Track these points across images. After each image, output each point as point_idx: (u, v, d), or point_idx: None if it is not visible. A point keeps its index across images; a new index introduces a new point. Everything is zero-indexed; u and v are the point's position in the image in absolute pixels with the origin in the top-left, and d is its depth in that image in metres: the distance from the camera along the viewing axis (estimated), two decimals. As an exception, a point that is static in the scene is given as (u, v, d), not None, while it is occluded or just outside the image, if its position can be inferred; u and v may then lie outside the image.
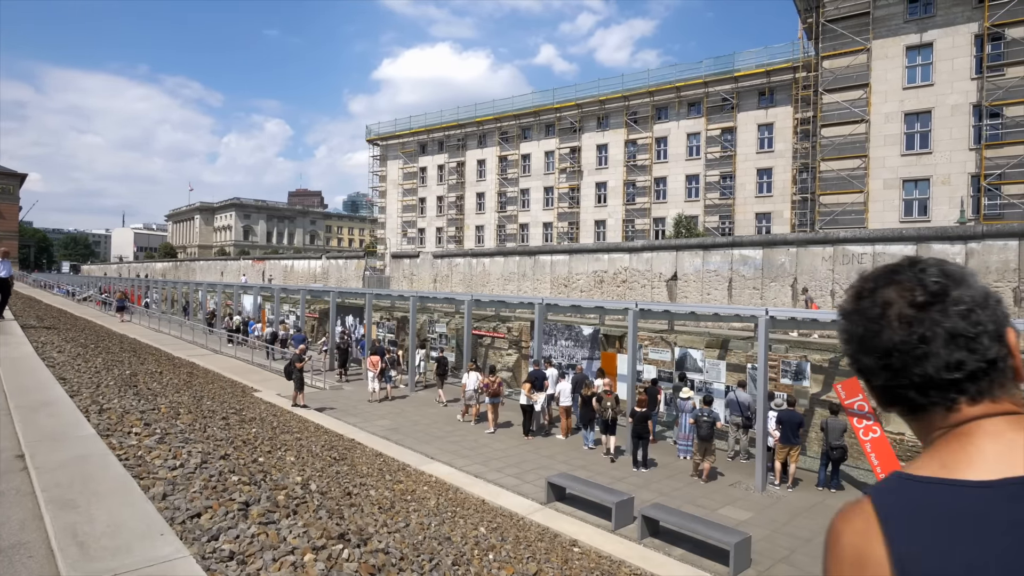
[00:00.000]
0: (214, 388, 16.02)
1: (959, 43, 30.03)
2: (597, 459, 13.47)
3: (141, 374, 12.51)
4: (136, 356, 16.63)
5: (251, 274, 51.55)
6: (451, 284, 34.31)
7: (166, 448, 6.04)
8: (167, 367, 16.39)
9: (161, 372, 14.24)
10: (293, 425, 13.24)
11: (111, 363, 12.39)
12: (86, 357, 12.08)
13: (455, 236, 59.33)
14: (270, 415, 13.94)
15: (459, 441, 14.39)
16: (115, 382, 9.89)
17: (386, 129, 63.14)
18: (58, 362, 10.51)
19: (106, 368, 11.38)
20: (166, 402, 9.64)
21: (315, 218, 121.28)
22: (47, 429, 5.80)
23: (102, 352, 14.12)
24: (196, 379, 16.23)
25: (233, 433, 8.67)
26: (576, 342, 18.38)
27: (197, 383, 15.51)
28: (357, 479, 8.57)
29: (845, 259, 19.78)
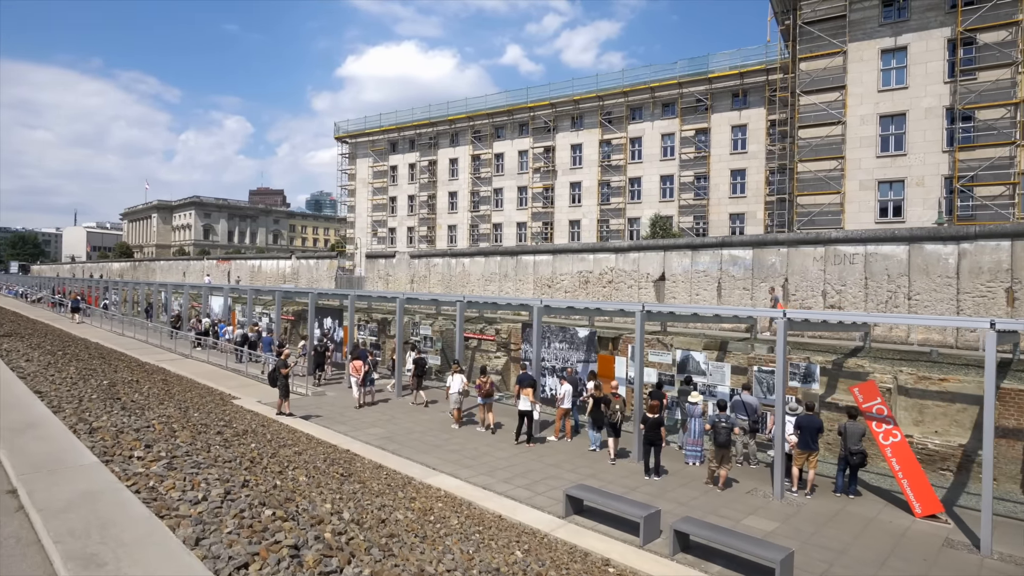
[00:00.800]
0: (193, 396, 15.02)
1: (932, 47, 30.66)
2: (604, 466, 13.00)
3: (119, 384, 11.52)
4: (106, 363, 15.49)
5: (216, 274, 49.65)
6: (429, 285, 33.50)
7: (179, 476, 5.30)
8: (140, 374, 15.31)
9: (138, 381, 13.22)
10: (286, 437, 12.41)
11: (85, 372, 11.35)
12: (57, 366, 11.01)
13: (427, 236, 58.38)
14: (259, 426, 13.06)
15: (458, 450, 13.74)
16: (96, 394, 8.96)
17: (355, 126, 61.75)
18: (29, 372, 9.47)
19: (82, 378, 10.38)
20: (156, 416, 8.78)
21: (278, 217, 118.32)
22: (39, 456, 4.96)
23: (71, 359, 13.00)
24: (173, 387, 15.19)
25: (236, 451, 7.89)
26: (571, 345, 17.90)
27: (176, 391, 14.51)
28: (375, 499, 7.89)
29: (837, 259, 19.80)
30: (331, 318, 25.01)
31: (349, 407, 17.85)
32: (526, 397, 14.91)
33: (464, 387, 17.54)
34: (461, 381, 17.25)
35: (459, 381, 17.10)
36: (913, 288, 18.26)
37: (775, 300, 21.98)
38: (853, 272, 19.45)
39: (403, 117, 58.76)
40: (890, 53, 31.90)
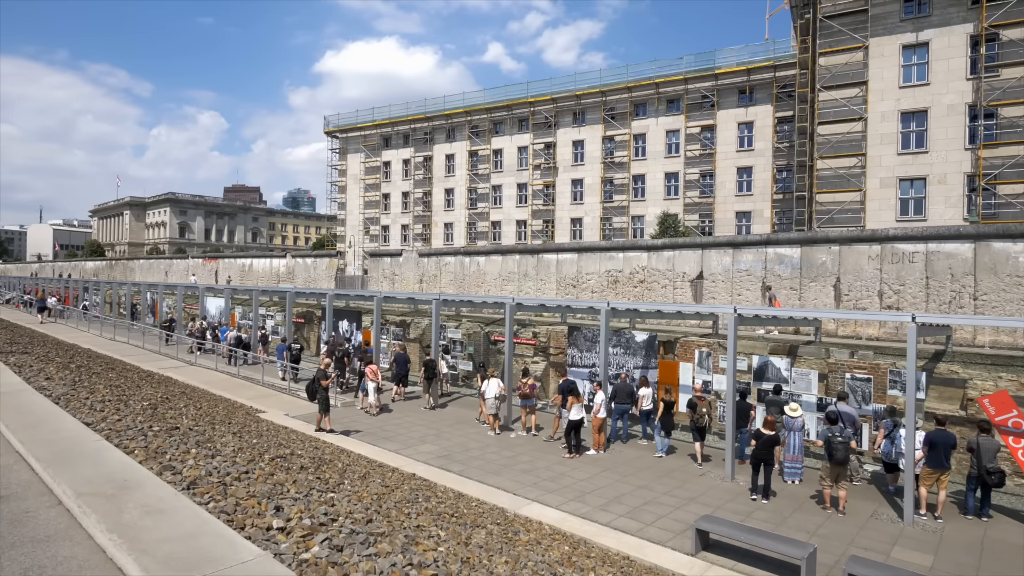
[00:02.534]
0: (220, 412, 13.41)
1: (954, 43, 30.18)
2: (698, 483, 11.78)
3: (158, 404, 9.91)
4: (120, 375, 13.78)
5: (202, 274, 47.35)
6: (439, 284, 32.01)
7: (354, 561, 3.90)
8: (162, 388, 13.63)
9: (168, 398, 11.58)
10: (342, 459, 10.93)
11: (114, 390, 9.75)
12: (84, 384, 9.41)
13: (422, 234, 56.71)
14: (308, 447, 11.55)
15: (529, 470, 12.39)
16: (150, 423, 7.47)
17: (346, 120, 59.73)
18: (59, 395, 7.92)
19: (118, 399, 8.80)
20: (231, 450, 7.28)
21: (258, 215, 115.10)
22: (182, 555, 3.45)
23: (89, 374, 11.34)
24: (200, 402, 13.54)
25: (345, 495, 6.45)
26: (627, 349, 16.67)
27: (204, 408, 12.87)
28: (486, 538, 6.52)
29: (894, 258, 18.92)
30: (348, 320, 23.40)
31: (389, 420, 16.35)
32: (578, 406, 13.73)
33: (501, 391, 16.33)
34: (498, 386, 16.11)
35: (495, 386, 16.06)
36: (980, 288, 17.44)
37: (771, 298, 21.31)
38: (913, 271, 18.58)
39: (397, 111, 56.95)
40: (911, 49, 31.36)
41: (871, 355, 14.28)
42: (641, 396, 14.93)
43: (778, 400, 12.91)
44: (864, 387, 12.87)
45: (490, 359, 21.89)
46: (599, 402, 13.97)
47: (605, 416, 14.09)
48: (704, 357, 15.32)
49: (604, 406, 14.03)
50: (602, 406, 13.98)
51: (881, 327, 18.62)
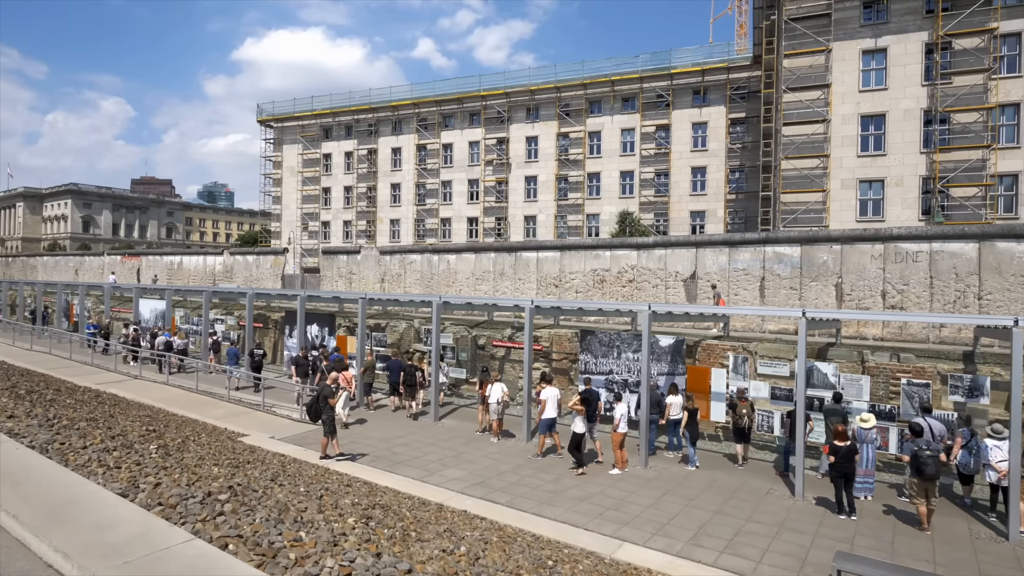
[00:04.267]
0: (191, 435, 11.13)
1: (911, 50, 31.18)
2: (775, 504, 10.72)
3: (157, 441, 7.71)
4: (68, 396, 11.15)
5: (121, 272, 42.63)
6: (404, 284, 29.88)
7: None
8: (125, 412, 11.15)
9: (186, 441, 9.26)
10: (365, 496, 9.08)
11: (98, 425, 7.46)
12: (58, 422, 7.08)
13: (367, 231, 53.86)
14: (318, 479, 9.60)
15: (585, 497, 10.95)
16: (196, 483, 5.48)
17: (282, 109, 55.85)
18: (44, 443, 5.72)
19: (115, 438, 6.59)
20: (268, 497, 5.41)
21: (172, 209, 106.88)
22: None
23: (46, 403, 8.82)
24: (163, 425, 11.17)
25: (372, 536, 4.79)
26: (650, 355, 15.47)
27: (171, 433, 10.57)
28: None
29: (898, 257, 18.82)
30: (318, 325, 21.03)
31: (390, 439, 14.40)
32: (581, 417, 12.51)
33: (504, 397, 14.93)
34: (501, 390, 15.07)
35: (499, 390, 15.07)
36: (984, 287, 17.52)
37: (717, 296, 21.24)
38: (916, 271, 18.51)
39: (339, 101, 53.79)
40: (870, 54, 32.17)
41: (913, 358, 13.77)
42: (669, 405, 13.82)
43: (838, 409, 12.08)
44: (922, 392, 12.25)
45: (479, 364, 20.25)
46: (620, 416, 12.67)
47: (626, 431, 12.78)
48: (740, 363, 14.38)
49: (625, 420, 12.76)
50: (623, 420, 12.69)
51: (885, 327, 18.46)
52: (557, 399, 13.86)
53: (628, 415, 13.16)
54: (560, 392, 14.27)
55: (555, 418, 13.70)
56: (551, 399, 13.71)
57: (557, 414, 13.76)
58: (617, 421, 12.70)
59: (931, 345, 15.85)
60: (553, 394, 13.82)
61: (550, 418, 13.65)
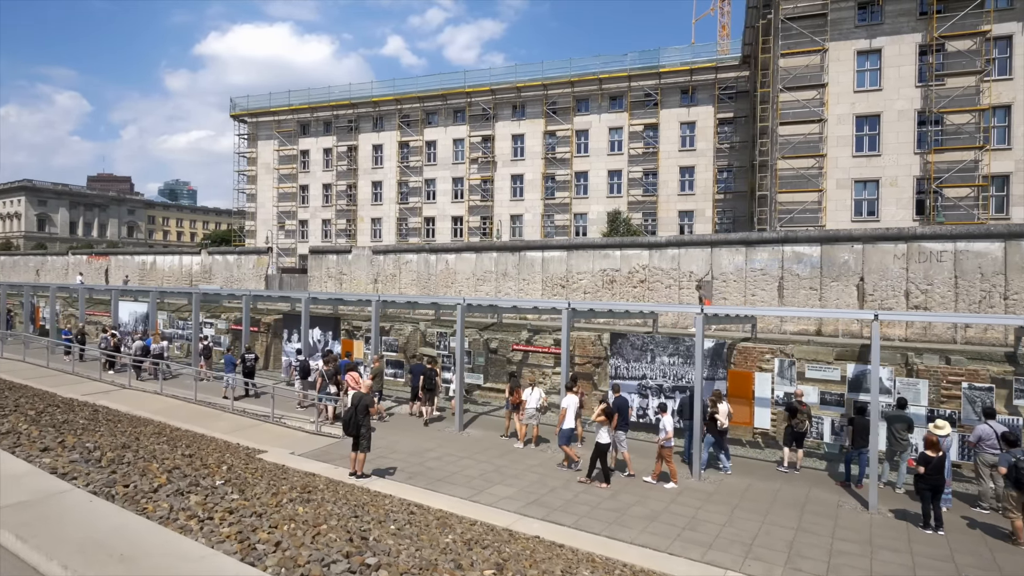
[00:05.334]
0: (211, 454, 9.99)
1: (904, 51, 31.39)
2: (855, 520, 10.09)
3: (232, 479, 6.61)
4: (74, 413, 9.87)
5: (89, 273, 40.24)
6: (399, 285, 28.70)
7: None
8: (159, 440, 9.90)
9: (231, 469, 8.10)
10: (426, 527, 8.12)
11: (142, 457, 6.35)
12: (93, 448, 5.96)
13: (347, 229, 52.26)
14: (378, 506, 8.59)
15: (653, 516, 10.17)
16: None
17: (257, 103, 53.79)
18: (102, 484, 4.64)
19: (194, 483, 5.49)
20: (333, 543, 4.47)
21: (134, 207, 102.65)
22: None
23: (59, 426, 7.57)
24: (196, 447, 9.98)
25: None
26: (687, 359, 14.83)
27: (210, 456, 9.42)
28: None
29: (922, 257, 18.58)
30: (320, 329, 19.80)
31: (415, 449, 13.36)
32: (607, 428, 11.83)
33: (543, 403, 14.12)
34: (540, 397, 14.36)
35: (537, 396, 14.33)
36: (1011, 287, 17.38)
37: (701, 297, 21.04)
38: (941, 271, 18.29)
39: (317, 96, 52.05)
40: (865, 55, 32.29)
41: (965, 360, 13.39)
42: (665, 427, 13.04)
43: (903, 416, 11.55)
44: (985, 397, 11.83)
45: (491, 368, 19.33)
46: (669, 429, 11.90)
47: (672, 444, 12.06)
48: (786, 366, 13.80)
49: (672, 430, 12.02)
50: (671, 434, 11.95)
51: (908, 327, 18.18)
52: (577, 408, 13.10)
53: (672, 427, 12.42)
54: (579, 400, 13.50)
55: (574, 428, 12.94)
56: (571, 408, 12.95)
57: (577, 424, 13.02)
58: (669, 433, 11.91)
59: (972, 347, 15.56)
60: (573, 402, 13.05)
61: (569, 428, 12.88)
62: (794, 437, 12.85)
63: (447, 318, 23.06)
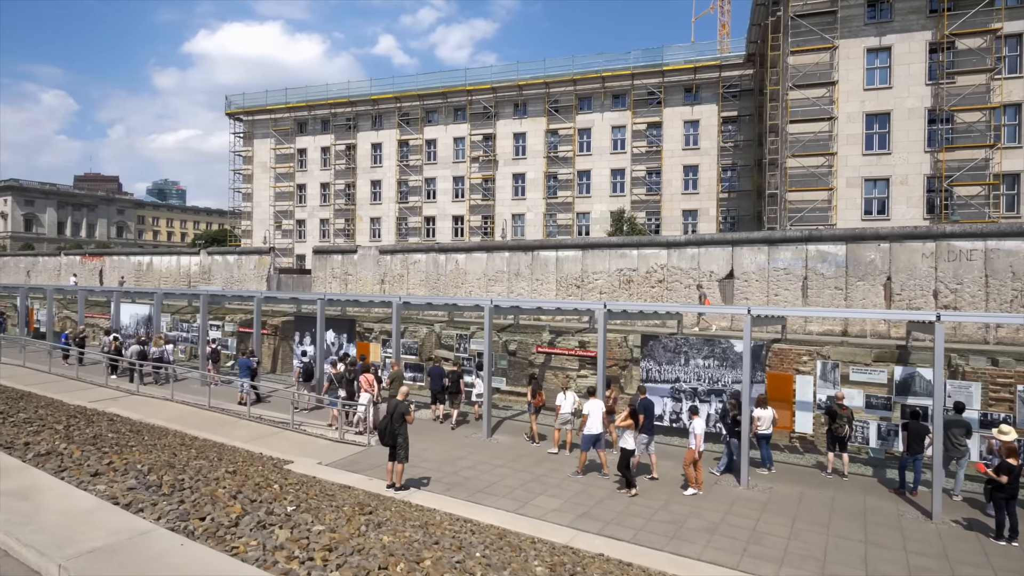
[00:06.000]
0: (237, 466, 9.40)
1: (914, 49, 31.17)
2: (921, 531, 9.67)
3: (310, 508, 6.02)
4: (93, 424, 9.21)
5: (83, 274, 39.28)
6: (407, 285, 28.08)
7: None
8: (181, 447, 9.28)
9: (277, 493, 7.49)
10: (507, 554, 7.58)
11: (201, 480, 5.79)
12: (147, 472, 5.36)
13: (345, 229, 51.49)
14: (437, 524, 8.03)
15: (711, 528, 9.68)
16: None
17: (253, 101, 52.88)
18: (169, 515, 4.05)
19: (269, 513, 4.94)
20: None
21: (123, 207, 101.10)
22: None
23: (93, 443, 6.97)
24: (238, 462, 9.38)
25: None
26: (723, 361, 14.37)
27: (254, 474, 8.82)
28: None
29: (951, 256, 18.27)
30: (334, 331, 19.16)
31: (446, 458, 12.79)
32: (631, 432, 11.39)
33: (578, 406, 13.67)
34: (574, 400, 13.98)
35: (571, 400, 13.95)
36: (1043, 287, 17.08)
37: (702, 296, 20.90)
38: (971, 270, 17.98)
39: (315, 93, 51.25)
40: (874, 52, 32.04)
41: (1012, 362, 13.02)
42: (758, 418, 12.69)
43: (961, 420, 11.14)
44: (1042, 400, 11.44)
45: (511, 371, 18.79)
46: (699, 433, 11.43)
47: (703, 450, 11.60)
48: (829, 369, 13.37)
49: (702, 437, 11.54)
50: (702, 437, 11.47)
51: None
52: (602, 412, 12.64)
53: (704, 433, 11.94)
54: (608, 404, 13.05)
55: (600, 434, 12.47)
56: (595, 412, 12.49)
57: (603, 429, 12.55)
58: (699, 438, 11.43)
59: (1008, 347, 15.22)
60: (597, 407, 12.61)
61: (594, 434, 12.40)
62: (836, 441, 12.46)
63: (460, 320, 22.52)
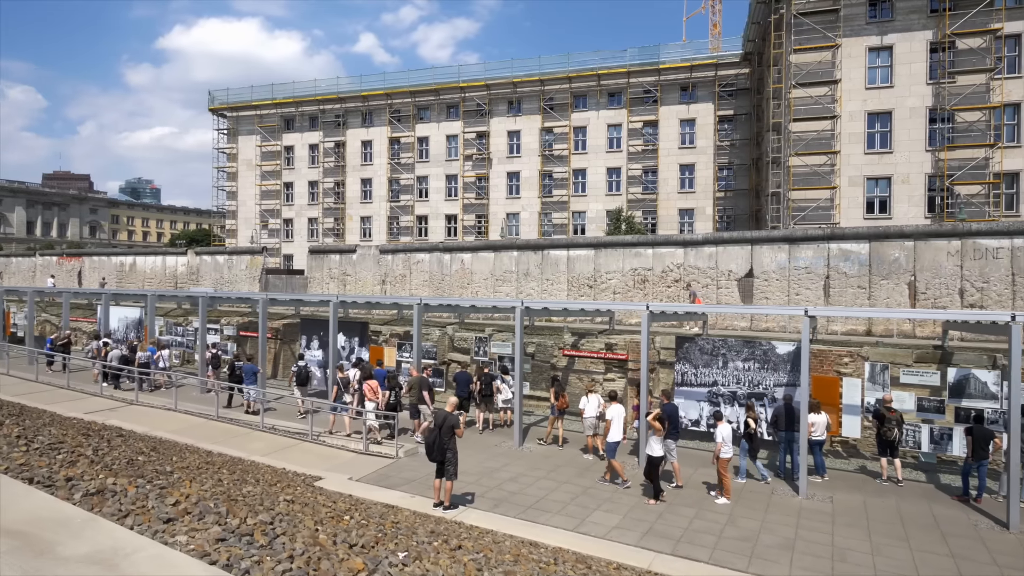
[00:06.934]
0: (261, 481, 8.58)
1: (915, 48, 31.20)
2: (1002, 543, 9.14)
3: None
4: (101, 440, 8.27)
5: (60, 275, 37.60)
6: (409, 286, 27.20)
7: None
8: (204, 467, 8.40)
9: (340, 514, 6.67)
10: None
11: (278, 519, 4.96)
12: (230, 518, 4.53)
13: (334, 228, 50.25)
14: (520, 555, 7.30)
15: (787, 544, 9.08)
16: None
17: (238, 97, 51.30)
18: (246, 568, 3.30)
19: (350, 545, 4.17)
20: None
21: (97, 206, 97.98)
22: None
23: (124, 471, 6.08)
24: (244, 477, 8.52)
25: None
26: (764, 364, 13.83)
27: (301, 497, 7.99)
28: None
29: (977, 254, 18.03)
30: (344, 334, 18.25)
31: (483, 469, 12.03)
32: (658, 438, 10.95)
33: (602, 409, 13.10)
34: (599, 403, 13.51)
35: (596, 403, 13.57)
36: (1072, 285, 16.89)
37: (692, 295, 20.67)
38: (997, 268, 17.75)
39: (302, 89, 49.92)
40: (876, 51, 32.02)
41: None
42: (812, 424, 12.17)
43: (1027, 423, 10.70)
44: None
45: (531, 376, 18.07)
46: (723, 438, 10.94)
47: (730, 456, 11.11)
48: (878, 371, 12.90)
49: (729, 442, 11.04)
50: (726, 443, 10.97)
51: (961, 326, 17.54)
52: (624, 419, 12.11)
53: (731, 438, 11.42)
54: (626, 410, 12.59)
55: (619, 441, 11.93)
56: (617, 419, 11.99)
57: (623, 436, 12.03)
58: (720, 444, 10.94)
59: None
60: (619, 413, 12.13)
61: (616, 440, 11.88)
62: (886, 446, 12.03)
63: (471, 322, 21.75)
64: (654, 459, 10.90)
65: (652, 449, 10.92)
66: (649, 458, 10.94)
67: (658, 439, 10.98)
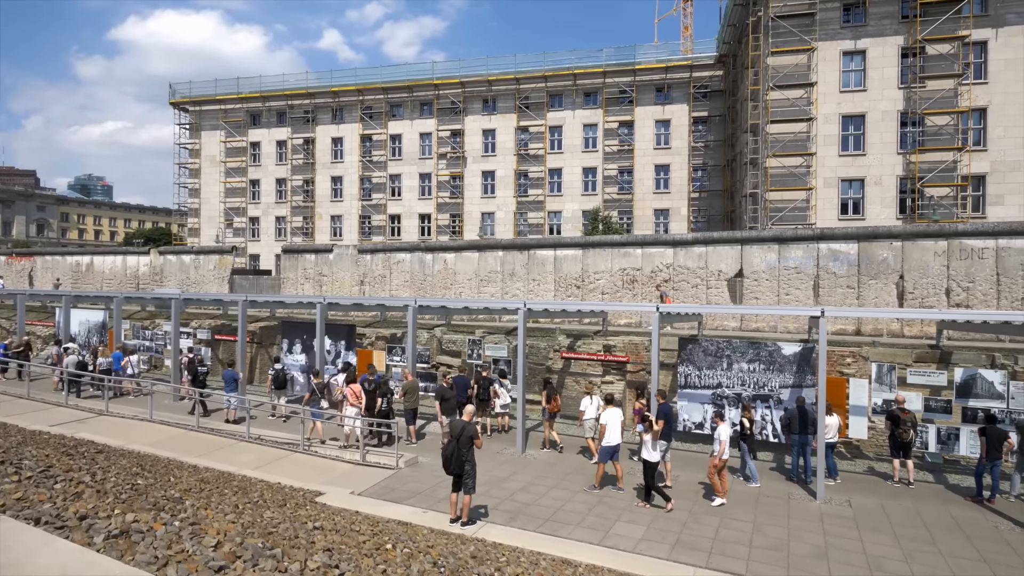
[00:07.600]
0: (254, 500, 7.92)
1: (887, 53, 31.86)
2: (1016, 542, 9.06)
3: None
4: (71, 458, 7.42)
5: (9, 275, 35.45)
6: (390, 287, 26.40)
7: None
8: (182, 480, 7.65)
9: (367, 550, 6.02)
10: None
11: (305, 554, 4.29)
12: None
13: (303, 227, 48.83)
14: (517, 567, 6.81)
15: (816, 552, 8.82)
16: None
17: (201, 91, 49.37)
18: None
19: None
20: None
21: (45, 203, 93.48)
22: None
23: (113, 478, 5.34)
24: (231, 493, 7.82)
25: None
26: (769, 365, 13.66)
27: (236, 498, 7.34)
28: None
29: (963, 254, 18.30)
30: (331, 338, 17.43)
31: (490, 479, 11.48)
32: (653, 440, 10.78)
33: (600, 411, 12.79)
34: (598, 405, 13.32)
35: (596, 405, 13.46)
36: (1055, 285, 17.28)
37: (662, 295, 20.77)
38: (983, 268, 18.05)
39: (269, 84, 48.34)
40: (850, 55, 32.58)
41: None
42: (827, 426, 12.01)
43: None
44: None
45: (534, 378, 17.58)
46: (723, 439, 10.76)
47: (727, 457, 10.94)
48: (885, 372, 12.85)
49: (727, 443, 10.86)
50: (727, 445, 10.79)
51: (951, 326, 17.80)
52: (621, 422, 11.81)
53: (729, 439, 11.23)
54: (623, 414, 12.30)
55: (619, 445, 11.64)
56: (613, 422, 11.67)
57: (621, 440, 11.72)
58: (723, 446, 10.74)
59: None
60: (616, 416, 11.80)
61: (613, 445, 11.57)
62: (900, 447, 11.96)
63: (458, 324, 21.16)
64: (649, 464, 10.64)
65: (648, 454, 10.66)
66: (645, 463, 10.73)
67: (652, 443, 10.67)
